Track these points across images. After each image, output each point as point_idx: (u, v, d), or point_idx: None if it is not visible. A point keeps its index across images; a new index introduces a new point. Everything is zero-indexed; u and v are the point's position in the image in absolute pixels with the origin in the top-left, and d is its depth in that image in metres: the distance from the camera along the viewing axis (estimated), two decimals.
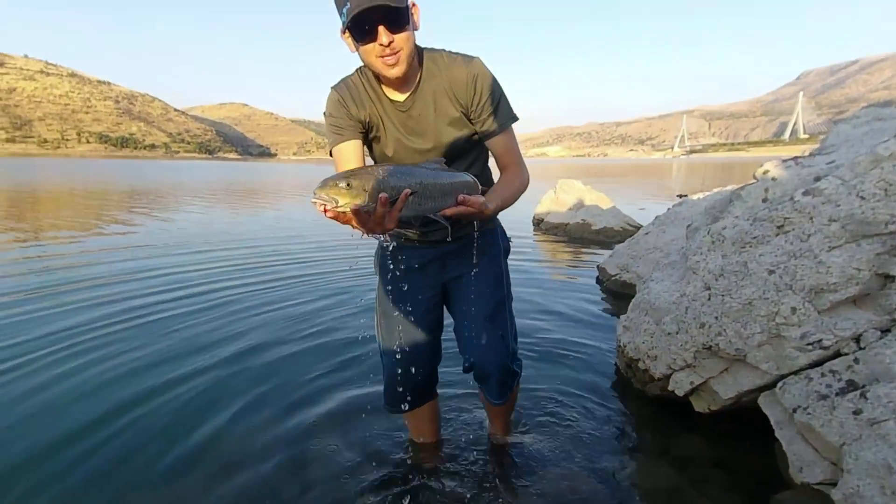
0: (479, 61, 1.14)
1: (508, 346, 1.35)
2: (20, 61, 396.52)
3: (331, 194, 0.78)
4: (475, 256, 1.30)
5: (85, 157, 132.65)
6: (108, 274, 4.10)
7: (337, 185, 0.79)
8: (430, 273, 1.34)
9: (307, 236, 6.19)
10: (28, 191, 11.57)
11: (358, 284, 3.74)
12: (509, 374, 1.37)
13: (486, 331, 1.31)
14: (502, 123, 1.17)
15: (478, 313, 1.31)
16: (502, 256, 1.41)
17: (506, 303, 1.38)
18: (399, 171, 0.89)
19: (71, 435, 1.74)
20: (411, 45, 1.06)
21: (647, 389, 1.92)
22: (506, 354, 1.34)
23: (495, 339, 1.32)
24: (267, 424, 1.83)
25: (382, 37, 1.00)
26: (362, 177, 0.81)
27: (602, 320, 2.95)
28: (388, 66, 1.04)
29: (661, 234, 3.54)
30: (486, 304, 1.32)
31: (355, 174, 0.83)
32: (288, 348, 2.54)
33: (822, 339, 1.30)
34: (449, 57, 1.15)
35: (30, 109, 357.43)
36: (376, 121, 1.18)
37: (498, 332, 1.33)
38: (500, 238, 1.41)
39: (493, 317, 1.32)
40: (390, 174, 0.85)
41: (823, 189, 1.40)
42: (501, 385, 1.36)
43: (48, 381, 2.13)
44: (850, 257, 1.29)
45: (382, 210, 0.81)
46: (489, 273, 1.34)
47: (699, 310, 1.60)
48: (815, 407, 1.23)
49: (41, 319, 2.90)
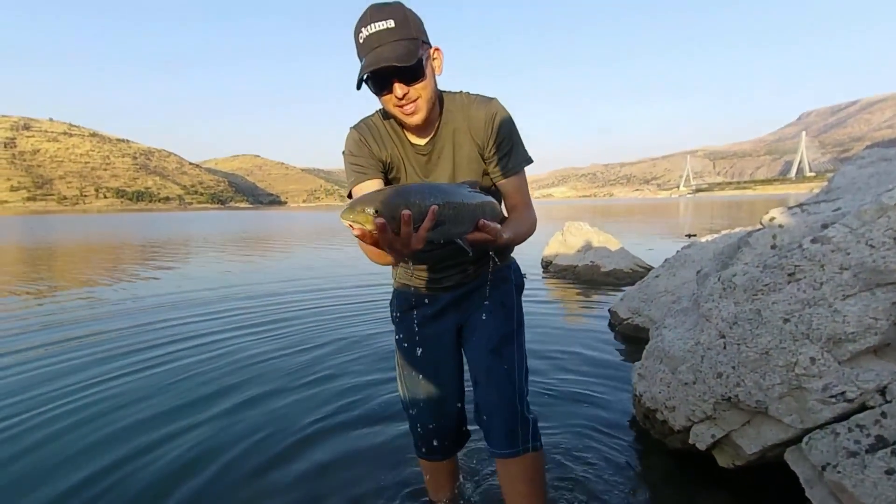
0: (497, 102, 1.15)
1: (515, 382, 1.23)
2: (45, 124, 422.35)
3: (357, 217, 0.77)
4: (487, 292, 1.27)
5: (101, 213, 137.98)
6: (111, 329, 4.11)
7: (363, 205, 0.77)
8: (446, 319, 1.31)
9: (310, 282, 6.25)
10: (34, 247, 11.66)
11: (362, 331, 3.74)
12: (517, 417, 1.22)
13: (490, 363, 1.23)
14: (516, 164, 1.16)
15: (482, 345, 1.25)
16: (514, 291, 1.34)
17: (514, 337, 1.28)
18: (427, 189, 0.85)
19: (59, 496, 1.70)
20: (430, 92, 1.05)
21: (667, 441, 1.84)
22: (511, 391, 1.22)
23: (499, 372, 1.22)
24: (264, 474, 1.79)
25: (397, 90, 1.01)
26: (388, 195, 0.79)
27: (616, 366, 2.88)
28: (406, 115, 1.05)
29: (671, 276, 3.52)
30: (492, 336, 1.25)
31: (381, 192, 0.80)
32: (291, 395, 2.52)
33: (846, 391, 1.26)
34: (468, 97, 1.16)
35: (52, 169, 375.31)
36: (397, 162, 1.17)
37: (503, 364, 1.23)
38: (512, 273, 1.36)
39: (499, 349, 1.24)
40: (417, 192, 0.82)
41: (832, 237, 1.40)
42: (508, 431, 1.21)
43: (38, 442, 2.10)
44: (865, 306, 1.28)
45: (407, 229, 0.76)
46: (498, 306, 1.29)
47: (715, 359, 1.57)
48: (846, 465, 1.18)
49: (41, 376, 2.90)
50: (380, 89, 1.03)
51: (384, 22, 0.96)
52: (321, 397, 2.51)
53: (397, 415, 2.24)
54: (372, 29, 0.97)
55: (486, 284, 1.27)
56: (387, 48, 0.96)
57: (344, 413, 2.32)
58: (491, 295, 1.28)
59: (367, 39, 0.98)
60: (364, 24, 0.98)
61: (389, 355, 3.08)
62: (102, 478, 1.81)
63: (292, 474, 1.82)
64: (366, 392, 2.54)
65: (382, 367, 2.88)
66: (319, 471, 1.84)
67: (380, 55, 0.95)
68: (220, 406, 2.42)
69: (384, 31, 0.96)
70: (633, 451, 1.94)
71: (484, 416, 1.25)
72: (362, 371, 2.85)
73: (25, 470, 1.89)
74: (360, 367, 2.92)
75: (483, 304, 1.28)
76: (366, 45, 0.98)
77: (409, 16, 1.00)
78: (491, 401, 1.23)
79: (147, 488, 1.75)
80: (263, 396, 2.54)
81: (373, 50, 0.97)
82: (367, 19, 0.97)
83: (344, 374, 2.83)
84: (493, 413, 1.23)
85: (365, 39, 0.98)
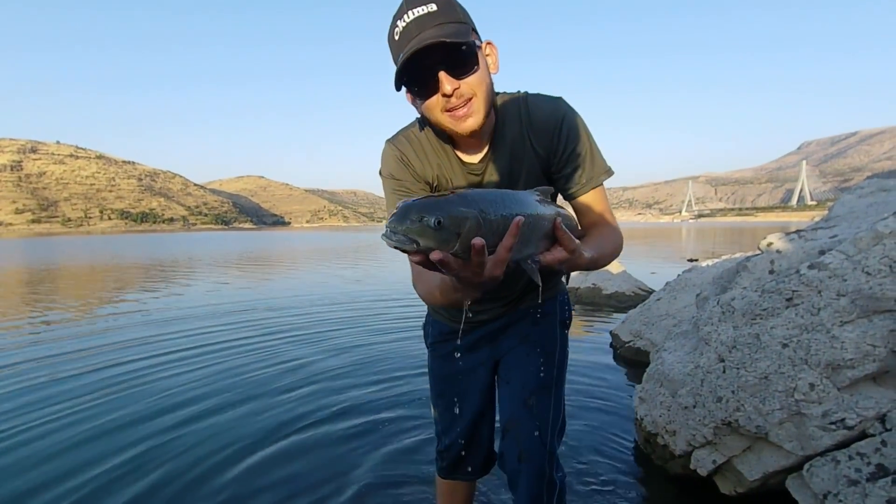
0: (564, 102, 0.95)
1: (546, 443, 1.06)
2: (52, 147, 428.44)
3: (411, 233, 0.55)
4: (527, 329, 1.12)
5: (105, 234, 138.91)
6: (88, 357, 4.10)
7: (422, 222, 0.55)
8: (481, 352, 1.17)
9: (313, 307, 6.25)
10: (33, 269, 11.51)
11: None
12: (544, 482, 1.06)
13: (521, 418, 1.07)
14: (593, 177, 0.95)
15: (514, 394, 1.10)
16: (559, 329, 1.16)
17: (552, 388, 1.10)
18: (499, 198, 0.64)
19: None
20: (486, 89, 0.84)
21: (668, 467, 1.82)
22: (542, 454, 1.05)
23: (528, 430, 1.05)
24: (254, 482, 1.77)
25: (445, 85, 0.80)
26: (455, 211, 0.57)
27: (617, 389, 2.85)
28: (457, 119, 0.84)
29: (672, 300, 3.52)
30: (527, 385, 1.09)
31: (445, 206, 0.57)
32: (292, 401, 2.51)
33: (846, 417, 1.26)
34: (527, 98, 0.96)
35: (57, 191, 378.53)
36: (445, 182, 0.98)
37: (535, 421, 1.06)
38: (558, 306, 1.17)
39: (534, 402, 1.07)
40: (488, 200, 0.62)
41: (828, 263, 1.43)
42: (532, 495, 1.05)
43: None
44: (863, 333, 1.29)
45: (479, 259, 0.57)
46: (538, 348, 1.12)
47: (715, 383, 1.57)
48: (847, 493, 1.17)
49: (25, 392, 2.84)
50: (423, 88, 0.83)
51: (424, 7, 0.79)
52: (321, 401, 2.49)
53: (397, 432, 2.23)
54: (410, 17, 0.79)
55: (525, 319, 1.12)
56: (430, 31, 0.78)
57: (345, 423, 2.30)
58: (531, 333, 1.13)
59: (404, 31, 0.80)
60: (399, 17, 0.81)
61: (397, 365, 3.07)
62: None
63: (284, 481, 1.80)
64: (365, 403, 2.53)
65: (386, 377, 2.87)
66: (313, 481, 1.82)
67: (423, 38, 0.77)
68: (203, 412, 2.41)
69: (425, 16, 0.79)
70: (634, 476, 1.91)
71: (508, 470, 1.11)
72: (366, 383, 2.84)
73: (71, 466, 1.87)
74: (368, 380, 2.90)
75: (521, 342, 1.13)
76: (403, 37, 0.80)
77: (453, 1, 0.82)
78: (517, 459, 1.07)
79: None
80: (264, 397, 2.53)
81: (413, 38, 0.79)
82: (404, 9, 0.81)
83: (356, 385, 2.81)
84: (519, 473, 1.08)
85: (402, 32, 0.80)
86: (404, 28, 0.80)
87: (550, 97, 0.96)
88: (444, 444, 1.28)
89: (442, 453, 1.31)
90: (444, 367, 1.23)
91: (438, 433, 1.31)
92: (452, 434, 1.25)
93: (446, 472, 1.33)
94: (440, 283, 0.76)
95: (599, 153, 0.96)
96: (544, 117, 0.93)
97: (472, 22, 0.84)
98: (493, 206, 0.61)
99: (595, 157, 0.96)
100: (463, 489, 1.38)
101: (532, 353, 1.11)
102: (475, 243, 0.56)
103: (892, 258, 1.30)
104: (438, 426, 1.30)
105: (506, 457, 1.10)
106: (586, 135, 0.95)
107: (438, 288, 0.78)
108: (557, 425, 1.11)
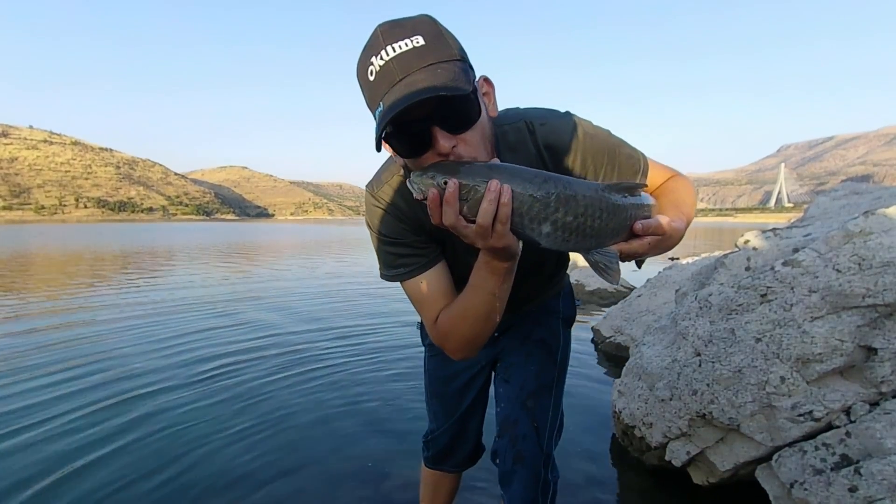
0: (570, 120, 0.83)
1: (543, 444, 1.05)
2: (25, 132, 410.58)
3: (424, 183, 0.61)
4: (529, 327, 1.09)
5: (81, 223, 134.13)
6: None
7: (436, 172, 0.60)
8: (481, 352, 1.14)
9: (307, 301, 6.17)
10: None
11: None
12: (539, 485, 1.04)
13: (518, 420, 1.05)
14: (630, 170, 0.84)
15: (513, 395, 1.07)
16: (561, 327, 1.13)
17: (552, 389, 1.08)
18: (539, 177, 0.61)
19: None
20: (486, 139, 0.70)
21: (644, 459, 1.86)
22: (538, 457, 1.04)
23: (525, 430, 1.04)
24: (243, 480, 1.75)
25: (441, 143, 0.64)
26: (475, 169, 0.60)
27: (597, 383, 2.90)
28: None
29: (652, 296, 3.59)
30: (526, 386, 1.06)
31: (470, 165, 0.61)
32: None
33: (813, 410, 1.31)
34: (535, 120, 0.82)
35: (30, 177, 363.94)
36: (442, 232, 0.78)
37: (533, 423, 1.04)
38: (561, 304, 1.14)
39: (532, 404, 1.05)
40: (519, 174, 0.60)
41: (801, 261, 1.47)
42: (526, 498, 1.03)
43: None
44: (832, 328, 1.33)
45: (490, 209, 0.57)
46: (540, 347, 1.09)
47: (691, 376, 1.60)
48: (812, 482, 1.21)
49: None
50: (413, 147, 0.67)
51: (408, 40, 0.61)
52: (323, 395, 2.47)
53: (390, 422, 2.23)
54: (390, 53, 0.61)
55: (528, 318, 1.10)
56: (420, 74, 0.61)
57: (337, 413, 2.28)
58: (532, 332, 1.09)
59: (383, 71, 0.62)
60: (375, 52, 0.63)
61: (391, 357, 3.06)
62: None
63: (286, 479, 1.78)
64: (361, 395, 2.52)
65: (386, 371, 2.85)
66: (307, 474, 1.81)
67: (412, 84, 0.60)
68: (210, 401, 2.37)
69: (410, 52, 0.61)
70: (611, 468, 1.95)
71: (502, 469, 1.08)
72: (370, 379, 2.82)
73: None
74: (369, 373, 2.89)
75: (522, 342, 1.10)
76: (382, 79, 0.62)
77: (444, 31, 0.65)
78: (512, 461, 1.05)
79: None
80: (265, 394, 2.49)
81: (397, 83, 0.61)
82: (380, 42, 0.62)
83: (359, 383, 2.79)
84: (514, 474, 1.05)
85: (380, 73, 0.62)
86: (383, 67, 0.62)
87: (555, 119, 0.83)
88: (432, 434, 1.30)
89: (428, 443, 1.33)
90: (441, 368, 1.22)
91: (429, 422, 1.33)
92: (442, 427, 1.26)
93: (432, 462, 1.34)
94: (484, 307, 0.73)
95: (625, 148, 0.86)
96: (560, 138, 0.81)
97: (465, 55, 0.67)
98: (523, 181, 0.60)
99: (625, 158, 0.85)
100: (448, 481, 1.40)
101: (533, 353, 1.09)
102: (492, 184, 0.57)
103: (861, 256, 1.34)
104: (430, 415, 1.32)
105: (500, 456, 1.08)
106: (605, 145, 0.83)
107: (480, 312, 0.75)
108: (556, 427, 1.09)
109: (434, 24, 0.64)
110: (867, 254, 1.33)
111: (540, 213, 0.60)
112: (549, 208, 0.60)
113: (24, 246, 16.31)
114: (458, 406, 1.23)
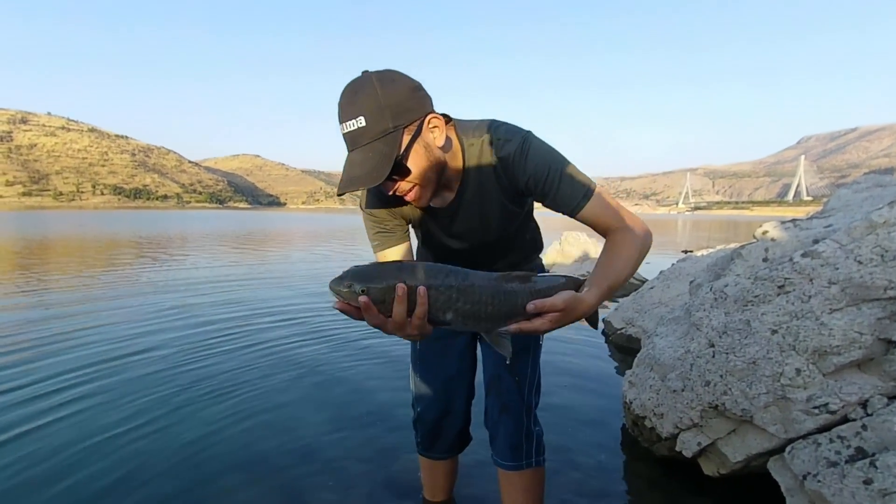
0: (525, 139, 0.95)
1: (524, 395, 1.23)
2: (43, 118, 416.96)
3: (341, 291, 0.71)
4: None
5: (98, 209, 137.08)
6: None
7: (352, 280, 0.72)
8: None
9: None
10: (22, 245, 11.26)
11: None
12: (523, 431, 1.23)
13: (501, 373, 1.22)
14: (573, 202, 0.94)
15: (496, 355, 1.23)
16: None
17: (530, 349, 1.25)
18: (442, 272, 0.75)
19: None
20: (427, 175, 0.91)
21: (654, 449, 1.86)
22: (519, 405, 1.22)
23: (508, 384, 1.22)
24: (246, 469, 1.80)
25: (384, 190, 0.93)
26: (384, 271, 0.73)
27: (608, 375, 2.90)
28: (409, 200, 0.95)
29: (665, 288, 3.55)
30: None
31: (380, 267, 0.75)
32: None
33: (829, 402, 1.29)
34: (494, 136, 0.97)
35: (48, 164, 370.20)
36: (417, 217, 1.09)
37: (514, 376, 1.22)
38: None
39: (512, 361, 1.19)
40: (427, 273, 0.74)
41: (822, 252, 1.44)
42: (513, 444, 1.22)
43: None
44: (851, 321, 1.31)
45: (400, 308, 0.71)
46: None
47: (704, 367, 1.59)
48: (826, 475, 1.20)
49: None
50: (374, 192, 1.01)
51: (354, 121, 0.85)
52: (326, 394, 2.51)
53: (392, 413, 2.26)
54: (345, 129, 0.86)
55: None
56: (357, 158, 0.85)
57: (339, 410, 2.32)
58: None
59: (343, 137, 0.88)
60: (340, 119, 0.87)
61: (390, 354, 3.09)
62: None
63: (287, 468, 1.83)
64: (364, 391, 2.56)
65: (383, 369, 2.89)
66: (310, 467, 1.85)
67: (350, 172, 0.85)
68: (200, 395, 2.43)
69: (355, 132, 0.85)
70: (620, 458, 1.95)
71: (490, 424, 1.26)
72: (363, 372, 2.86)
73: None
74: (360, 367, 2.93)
75: None
76: (345, 141, 0.89)
77: (383, 102, 0.84)
78: (498, 411, 1.23)
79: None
80: (263, 387, 2.55)
81: (348, 154, 0.88)
82: (341, 115, 0.87)
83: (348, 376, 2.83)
84: (500, 424, 1.23)
85: (343, 136, 0.88)
86: (343, 135, 0.87)
87: (515, 131, 0.96)
88: (418, 414, 1.36)
89: (416, 423, 1.38)
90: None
91: (413, 403, 1.38)
92: (427, 399, 1.32)
93: (423, 447, 1.40)
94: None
95: (574, 177, 0.94)
96: (511, 156, 0.95)
97: (405, 113, 0.85)
98: (428, 278, 0.73)
99: (569, 184, 0.94)
100: (443, 468, 1.44)
101: None
102: (397, 290, 0.70)
103: (884, 247, 1.31)
104: (415, 397, 1.37)
105: (489, 412, 1.25)
106: (559, 159, 0.95)
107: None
108: (535, 383, 1.26)
109: (375, 98, 0.83)
110: (891, 245, 1.30)
111: (444, 304, 0.74)
112: (451, 300, 0.74)
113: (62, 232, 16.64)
114: (438, 375, 1.31)
